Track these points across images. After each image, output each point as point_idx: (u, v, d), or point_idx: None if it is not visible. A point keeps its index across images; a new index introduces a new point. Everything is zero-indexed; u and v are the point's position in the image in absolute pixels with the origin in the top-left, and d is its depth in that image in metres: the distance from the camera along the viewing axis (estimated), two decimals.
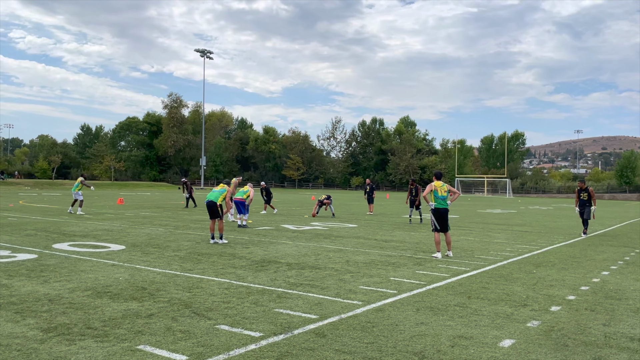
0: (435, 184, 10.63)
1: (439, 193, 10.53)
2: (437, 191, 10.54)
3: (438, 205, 10.50)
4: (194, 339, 4.82)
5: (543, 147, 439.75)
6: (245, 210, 16.29)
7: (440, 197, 10.51)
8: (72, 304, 5.99)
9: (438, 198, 10.50)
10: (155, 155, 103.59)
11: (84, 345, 4.60)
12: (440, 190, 10.55)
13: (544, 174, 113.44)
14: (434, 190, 10.55)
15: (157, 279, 7.57)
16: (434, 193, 10.55)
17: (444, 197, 10.55)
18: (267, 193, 22.73)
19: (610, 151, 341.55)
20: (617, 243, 14.28)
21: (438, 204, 10.50)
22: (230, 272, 8.33)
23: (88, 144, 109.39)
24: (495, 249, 12.09)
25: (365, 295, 6.85)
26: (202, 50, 77.42)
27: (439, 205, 10.50)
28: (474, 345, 4.89)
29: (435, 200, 10.51)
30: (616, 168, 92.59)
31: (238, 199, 16.26)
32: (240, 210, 16.20)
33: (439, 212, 10.48)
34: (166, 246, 11.21)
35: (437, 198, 10.50)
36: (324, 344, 4.78)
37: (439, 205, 10.50)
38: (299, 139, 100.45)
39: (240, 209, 16.20)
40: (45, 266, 8.38)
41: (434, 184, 10.64)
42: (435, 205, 10.50)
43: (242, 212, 16.20)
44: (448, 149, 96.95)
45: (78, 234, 13.13)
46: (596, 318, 6.02)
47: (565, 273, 9.05)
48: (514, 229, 17.85)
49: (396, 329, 5.32)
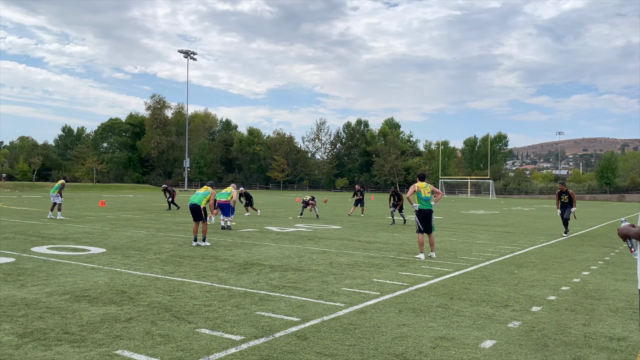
0: (419, 184, 10.62)
1: (423, 194, 10.51)
2: (421, 192, 10.52)
3: (422, 206, 10.49)
4: (174, 343, 4.75)
5: (525, 149, 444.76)
6: (229, 212, 16.13)
7: (424, 198, 10.49)
8: (49, 309, 5.87)
9: (422, 199, 10.48)
10: (138, 157, 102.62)
11: (60, 350, 4.50)
12: (423, 191, 10.53)
13: (526, 175, 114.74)
14: (417, 191, 10.54)
15: (137, 283, 7.46)
16: (417, 194, 10.53)
17: (428, 198, 10.52)
18: (247, 197, 22.71)
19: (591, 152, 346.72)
20: (598, 243, 14.47)
21: (422, 205, 10.49)
22: (212, 274, 8.25)
23: (70, 145, 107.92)
24: (478, 250, 12.16)
25: (348, 297, 6.83)
26: (186, 51, 76.92)
27: (423, 206, 10.49)
28: (455, 346, 4.89)
29: (418, 201, 10.51)
30: (597, 169, 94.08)
31: (222, 201, 16.07)
32: (224, 213, 16.04)
33: (423, 213, 10.48)
34: (148, 249, 11.08)
35: (421, 199, 10.48)
36: (305, 347, 4.74)
37: (422, 207, 10.49)
38: (284, 140, 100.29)
39: (225, 211, 16.04)
40: (23, 270, 8.22)
41: (417, 184, 10.63)
42: (419, 206, 10.50)
43: (227, 214, 16.04)
44: (432, 150, 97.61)
45: (58, 237, 12.91)
46: (576, 318, 6.07)
47: (547, 273, 9.14)
48: (496, 230, 17.99)
49: (378, 331, 5.31)
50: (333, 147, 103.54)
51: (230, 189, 16.61)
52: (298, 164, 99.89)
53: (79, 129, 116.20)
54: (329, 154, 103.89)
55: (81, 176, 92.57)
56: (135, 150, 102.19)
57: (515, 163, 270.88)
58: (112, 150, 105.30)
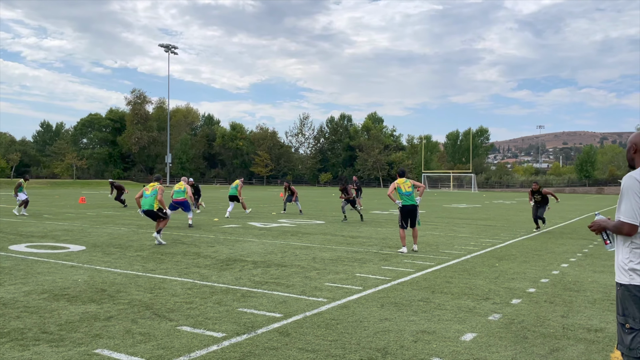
0: (398, 181, 10.63)
1: (403, 189, 10.50)
2: (401, 188, 10.51)
3: (405, 202, 10.48)
4: (154, 341, 4.71)
5: (507, 143, 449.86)
6: (189, 208, 15.61)
7: (405, 194, 10.47)
8: (27, 308, 5.78)
9: (403, 195, 10.48)
10: (119, 153, 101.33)
11: (38, 350, 4.43)
12: (403, 187, 10.51)
13: (507, 169, 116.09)
14: (397, 187, 10.53)
15: (117, 280, 7.38)
16: (397, 190, 10.52)
17: (409, 193, 10.50)
18: (196, 191, 21.24)
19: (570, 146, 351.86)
20: (577, 236, 14.70)
21: (405, 201, 10.48)
22: (194, 271, 8.19)
23: (48, 141, 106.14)
24: (460, 244, 12.27)
25: (331, 292, 6.84)
26: (167, 45, 76.12)
27: (406, 202, 10.48)
28: (436, 339, 4.93)
29: (400, 197, 10.50)
30: (576, 162, 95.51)
31: (179, 200, 15.43)
32: (185, 210, 15.56)
33: (407, 209, 10.49)
34: (128, 246, 10.96)
35: (402, 195, 10.48)
36: (287, 343, 4.74)
37: (405, 202, 10.47)
38: (267, 135, 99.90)
39: (185, 209, 15.53)
40: (0, 269, 8.07)
41: (397, 181, 10.65)
42: (402, 202, 10.50)
43: (187, 210, 15.55)
44: (415, 144, 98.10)
45: (36, 235, 12.71)
46: (555, 310, 6.16)
47: (527, 266, 9.25)
48: (478, 224, 18.17)
49: (360, 326, 5.32)
50: (316, 142, 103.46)
51: (183, 186, 15.78)
52: (281, 159, 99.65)
53: (58, 124, 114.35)
54: (312, 148, 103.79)
55: (60, 172, 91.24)
56: (115, 145, 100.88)
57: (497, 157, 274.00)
58: (92, 146, 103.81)
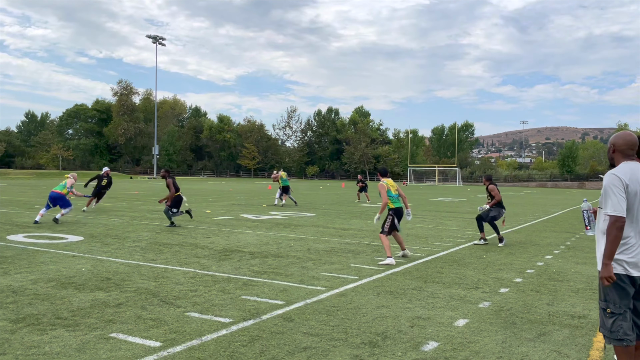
0: (388, 182, 9.36)
1: (392, 192, 9.31)
2: (391, 190, 9.30)
3: (397, 204, 9.28)
4: (166, 326, 4.96)
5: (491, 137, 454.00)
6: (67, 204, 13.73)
7: (395, 196, 9.32)
8: (37, 295, 5.99)
9: (394, 197, 9.29)
10: (105, 144, 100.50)
11: (56, 334, 4.66)
12: (392, 189, 9.33)
13: (491, 163, 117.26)
14: (388, 190, 9.29)
15: (120, 270, 7.60)
16: (388, 193, 9.28)
17: (397, 197, 9.35)
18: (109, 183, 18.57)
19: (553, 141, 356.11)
20: (559, 229, 15.18)
21: (396, 203, 9.28)
22: (194, 261, 8.43)
23: (33, 131, 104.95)
24: (448, 236, 12.64)
25: (328, 281, 7.14)
26: (155, 36, 75.55)
27: (398, 204, 9.29)
28: (431, 325, 5.25)
29: (393, 201, 9.26)
30: (558, 157, 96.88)
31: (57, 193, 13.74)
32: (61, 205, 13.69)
33: (400, 213, 9.28)
34: (125, 237, 11.15)
35: (394, 198, 9.28)
36: (292, 328, 5.02)
37: (398, 205, 9.28)
38: (254, 128, 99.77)
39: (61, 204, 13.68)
40: (3, 258, 8.24)
41: (387, 182, 9.35)
42: (395, 206, 9.26)
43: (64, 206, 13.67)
44: (401, 138, 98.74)
45: (31, 225, 12.82)
46: (541, 298, 6.52)
47: (513, 257, 9.64)
48: (464, 217, 18.59)
49: (359, 312, 5.63)
50: (304, 135, 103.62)
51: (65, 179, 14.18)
52: (269, 151, 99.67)
53: (43, 114, 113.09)
54: (299, 141, 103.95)
55: (46, 163, 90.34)
56: (102, 137, 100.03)
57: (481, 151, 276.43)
58: (78, 137, 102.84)
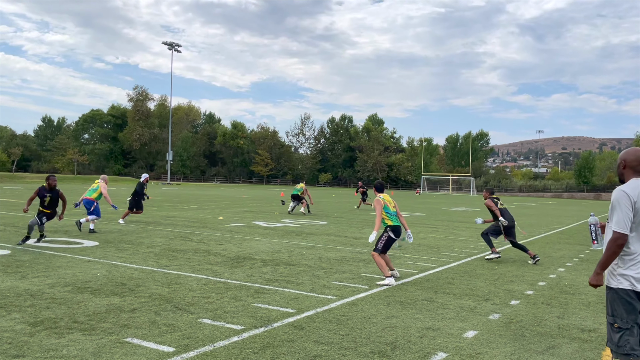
0: (385, 198, 8.39)
1: (390, 208, 8.32)
2: (388, 206, 8.32)
3: (395, 222, 8.27)
4: (179, 332, 5.07)
5: (506, 146, 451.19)
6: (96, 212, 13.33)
7: (393, 214, 8.32)
8: (54, 299, 6.13)
9: (391, 214, 8.28)
10: (120, 149, 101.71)
11: (73, 338, 4.78)
12: (389, 205, 8.35)
13: (506, 173, 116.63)
14: (385, 205, 8.28)
15: (135, 275, 7.73)
16: (385, 209, 8.25)
17: (395, 214, 8.36)
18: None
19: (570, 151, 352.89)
20: (574, 241, 15.07)
21: (394, 221, 8.27)
22: (206, 268, 8.55)
23: (49, 136, 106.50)
24: (460, 247, 12.63)
25: (339, 290, 7.20)
26: (170, 43, 76.39)
27: (396, 222, 8.29)
28: (440, 336, 5.29)
29: (390, 218, 8.26)
30: (575, 168, 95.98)
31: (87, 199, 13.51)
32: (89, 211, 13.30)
33: (398, 232, 8.27)
34: (139, 242, 11.31)
35: (390, 214, 8.27)
36: (302, 336, 5.10)
37: (396, 222, 8.28)
38: (268, 134, 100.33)
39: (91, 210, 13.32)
40: (21, 262, 8.42)
41: (383, 198, 8.37)
42: (392, 223, 8.25)
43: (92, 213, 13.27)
44: (414, 147, 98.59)
45: (48, 230, 13.04)
46: (551, 311, 6.53)
47: (525, 269, 9.62)
48: (477, 227, 18.51)
49: (369, 322, 5.69)
50: (317, 142, 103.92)
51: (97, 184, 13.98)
52: (282, 158, 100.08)
53: (60, 119, 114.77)
54: (312, 148, 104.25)
55: (61, 167, 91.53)
56: (117, 142, 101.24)
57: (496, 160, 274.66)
58: (94, 142, 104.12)
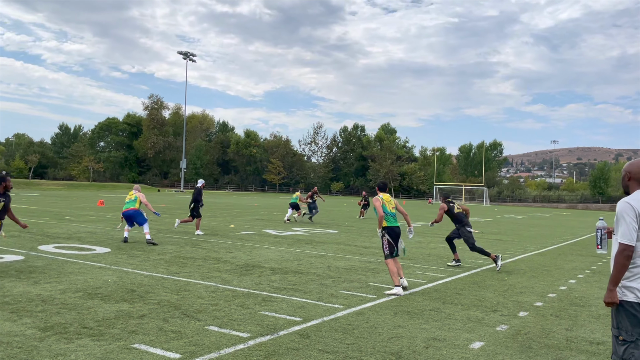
0: (384, 197, 8.28)
1: (388, 208, 8.18)
2: (386, 206, 8.18)
3: (392, 223, 8.13)
4: (186, 339, 5.12)
5: (520, 157, 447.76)
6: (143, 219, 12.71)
7: (391, 214, 8.18)
8: (65, 305, 6.23)
9: (389, 215, 8.13)
10: (135, 157, 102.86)
11: (82, 343, 4.86)
12: (388, 205, 8.21)
13: (520, 183, 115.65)
14: (383, 204, 8.16)
15: (145, 282, 7.82)
16: (382, 208, 8.13)
17: (394, 215, 8.26)
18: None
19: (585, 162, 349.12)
20: (586, 253, 14.91)
21: (391, 222, 8.14)
22: (215, 275, 8.61)
23: (66, 143, 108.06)
24: (470, 257, 12.56)
25: (346, 299, 7.21)
26: (185, 52, 77.30)
27: (394, 223, 8.16)
28: (446, 346, 5.28)
29: (387, 218, 8.10)
30: (590, 179, 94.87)
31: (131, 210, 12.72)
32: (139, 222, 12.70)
33: (396, 232, 8.11)
34: (151, 249, 11.43)
35: (389, 215, 8.12)
36: (308, 345, 5.12)
37: (394, 224, 8.15)
38: (281, 143, 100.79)
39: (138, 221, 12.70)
40: (34, 268, 8.56)
41: (382, 197, 8.27)
42: (389, 224, 8.11)
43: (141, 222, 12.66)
44: (427, 156, 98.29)
45: (62, 236, 13.24)
46: (560, 323, 6.47)
47: (535, 281, 9.55)
48: (489, 238, 18.41)
49: (375, 331, 5.69)
50: (329, 151, 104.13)
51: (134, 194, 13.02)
52: (294, 167, 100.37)
53: (76, 127, 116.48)
54: (325, 157, 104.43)
55: (77, 175, 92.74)
56: (132, 149, 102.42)
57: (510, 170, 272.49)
58: (109, 150, 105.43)
